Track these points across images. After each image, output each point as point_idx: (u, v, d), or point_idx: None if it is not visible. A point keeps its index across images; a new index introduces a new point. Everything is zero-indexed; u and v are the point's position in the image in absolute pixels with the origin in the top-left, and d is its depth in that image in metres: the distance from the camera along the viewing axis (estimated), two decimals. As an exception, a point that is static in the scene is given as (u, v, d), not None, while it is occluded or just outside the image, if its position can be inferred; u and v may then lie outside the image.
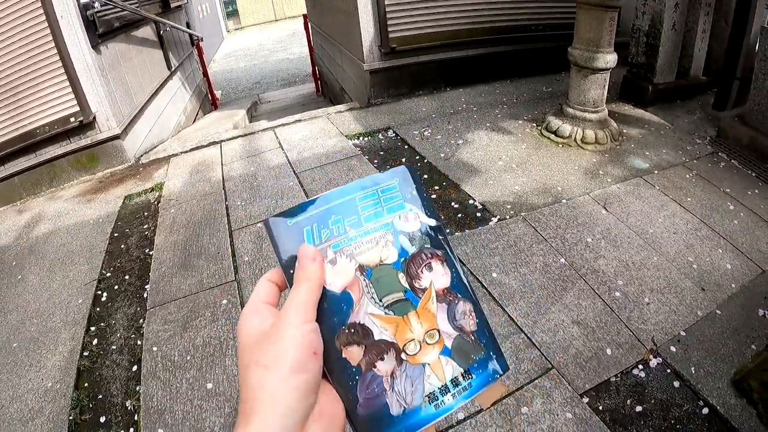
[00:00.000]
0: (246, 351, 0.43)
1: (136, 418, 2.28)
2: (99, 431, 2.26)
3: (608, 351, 2.34)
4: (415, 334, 0.50)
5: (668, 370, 2.26)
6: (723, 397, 2.12)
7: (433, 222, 0.56)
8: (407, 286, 0.52)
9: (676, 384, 2.19)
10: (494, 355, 0.53)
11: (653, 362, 2.29)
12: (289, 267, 0.50)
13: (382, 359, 0.49)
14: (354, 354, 0.48)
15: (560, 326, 2.49)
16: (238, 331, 0.46)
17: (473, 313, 0.53)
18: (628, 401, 2.13)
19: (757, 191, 3.56)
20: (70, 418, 2.31)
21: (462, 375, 0.50)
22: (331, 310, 0.49)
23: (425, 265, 0.53)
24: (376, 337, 0.49)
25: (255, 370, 0.41)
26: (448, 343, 0.51)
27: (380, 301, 0.51)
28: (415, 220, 0.55)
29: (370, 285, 0.51)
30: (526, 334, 2.46)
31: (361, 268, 0.51)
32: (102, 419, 2.31)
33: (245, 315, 0.46)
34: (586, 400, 2.13)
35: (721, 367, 2.26)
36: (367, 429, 0.48)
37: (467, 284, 0.55)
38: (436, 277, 0.53)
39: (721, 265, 2.86)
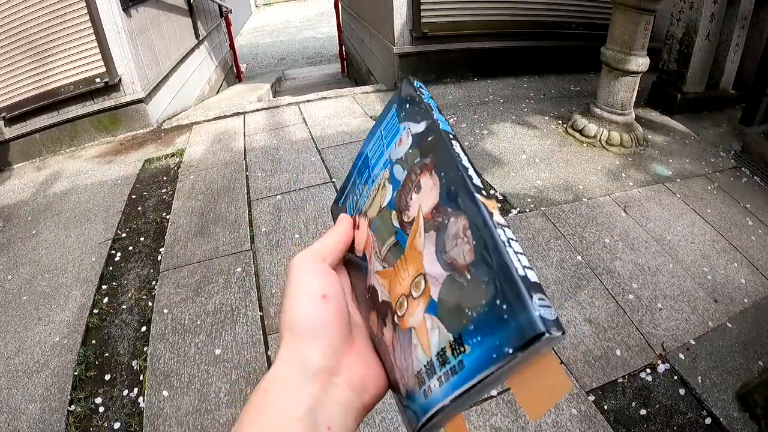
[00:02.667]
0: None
1: (141, 378, 2.30)
2: (103, 388, 2.29)
3: (618, 352, 2.33)
4: (403, 286, 0.38)
5: (675, 377, 2.25)
6: (727, 410, 2.11)
7: (422, 126, 0.40)
8: (398, 225, 0.40)
9: (682, 391, 2.19)
10: (508, 300, 0.28)
11: (661, 368, 2.28)
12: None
13: (385, 324, 0.40)
14: (372, 320, 0.42)
15: (572, 323, 2.48)
16: None
17: (468, 231, 0.32)
18: (633, 403, 2.13)
19: (777, 210, 3.51)
20: (75, 373, 2.34)
21: (450, 345, 0.32)
22: (359, 277, 0.45)
23: (414, 188, 0.39)
24: (380, 299, 0.41)
25: (281, 327, 0.41)
26: (435, 293, 0.34)
27: (380, 254, 0.42)
28: (408, 136, 0.41)
29: (374, 238, 0.43)
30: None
31: (370, 224, 0.44)
32: (107, 377, 2.34)
33: None
34: (592, 398, 2.12)
35: (727, 379, 2.24)
36: (398, 402, 0.39)
37: (462, 178, 0.35)
38: (424, 196, 0.38)
39: (736, 279, 2.83)
